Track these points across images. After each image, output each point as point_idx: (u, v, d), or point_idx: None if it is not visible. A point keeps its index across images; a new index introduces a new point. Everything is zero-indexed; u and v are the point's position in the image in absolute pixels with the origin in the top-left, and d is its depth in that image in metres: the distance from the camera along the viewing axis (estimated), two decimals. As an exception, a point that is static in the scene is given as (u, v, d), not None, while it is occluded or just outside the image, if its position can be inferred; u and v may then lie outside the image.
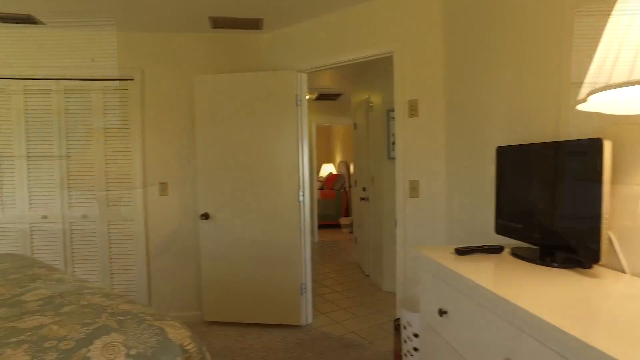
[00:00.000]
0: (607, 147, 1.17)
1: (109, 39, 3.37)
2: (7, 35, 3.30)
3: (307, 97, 3.27)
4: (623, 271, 1.26)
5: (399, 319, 2.44)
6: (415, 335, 2.04)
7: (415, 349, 2.06)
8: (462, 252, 1.52)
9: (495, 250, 1.54)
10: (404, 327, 2.11)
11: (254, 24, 3.25)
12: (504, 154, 1.66)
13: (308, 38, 3.19)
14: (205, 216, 3.23)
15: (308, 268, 3.30)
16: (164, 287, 3.46)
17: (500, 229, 1.67)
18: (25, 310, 1.46)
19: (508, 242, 1.89)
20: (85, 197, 3.39)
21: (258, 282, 3.24)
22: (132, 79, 3.38)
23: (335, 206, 7.93)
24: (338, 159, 9.19)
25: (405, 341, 2.12)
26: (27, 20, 3.10)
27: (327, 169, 9.38)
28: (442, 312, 1.42)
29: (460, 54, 2.35)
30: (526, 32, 1.76)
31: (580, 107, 1.12)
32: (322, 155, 9.87)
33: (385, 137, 4.14)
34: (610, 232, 1.29)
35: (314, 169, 6.68)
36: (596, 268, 1.29)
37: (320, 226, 8.01)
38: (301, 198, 3.20)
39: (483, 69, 2.12)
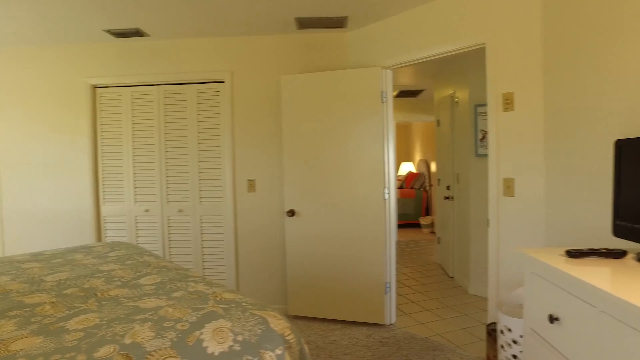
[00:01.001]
0: None
1: (203, 45, 3.60)
2: (119, 48, 3.68)
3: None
4: None
5: (493, 323, 2.31)
6: (515, 342, 1.91)
7: (515, 357, 1.93)
8: (575, 254, 1.39)
9: (616, 254, 1.39)
10: (502, 333, 1.98)
11: (338, 23, 3.27)
12: (628, 147, 1.49)
13: (393, 34, 3.14)
14: (291, 212, 3.33)
15: (392, 267, 3.26)
16: (251, 279, 3.63)
17: (620, 231, 1.50)
18: (144, 293, 1.61)
19: (627, 245, 1.69)
20: (180, 193, 3.67)
21: (342, 279, 3.27)
22: (223, 81, 3.59)
23: (415, 205, 7.74)
24: (417, 157, 8.96)
25: (502, 347, 1.99)
26: (136, 33, 3.42)
27: (406, 168, 9.18)
28: (552, 319, 1.31)
29: (564, 41, 2.15)
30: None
31: None
32: (401, 153, 9.68)
33: (472, 134, 3.95)
34: None
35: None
36: None
37: (399, 225, 7.88)
38: (387, 195, 3.16)
39: (597, 53, 1.92)
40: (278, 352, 1.31)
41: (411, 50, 3.00)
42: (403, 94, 6.25)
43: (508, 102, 2.48)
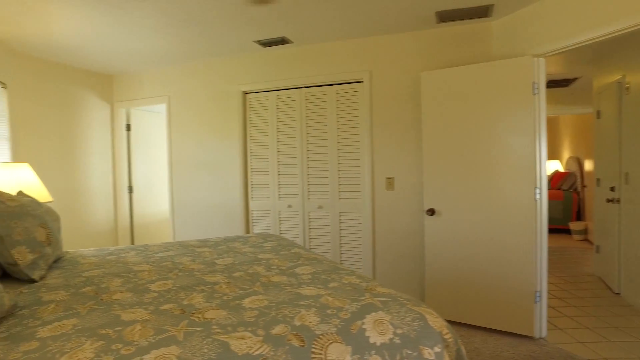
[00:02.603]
0: None
1: (342, 47, 3.73)
2: (266, 56, 4.04)
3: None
4: None
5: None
6: None
7: None
8: None
9: None
10: None
11: (482, 12, 3.08)
12: None
13: (548, 17, 2.83)
14: (431, 211, 3.24)
15: (544, 274, 2.95)
16: (388, 276, 3.64)
17: None
18: (301, 281, 1.73)
19: None
20: (320, 190, 3.86)
21: (485, 284, 3.07)
22: (362, 81, 3.67)
23: (563, 208, 6.88)
24: (566, 154, 7.94)
25: None
26: (281, 41, 3.71)
27: (552, 166, 8.22)
28: None
29: None
30: None
31: None
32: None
33: (647, 125, 3.35)
34: None
35: (538, 166, 5.94)
36: None
37: (543, 231, 7.09)
38: (538, 196, 2.88)
39: None
40: (437, 349, 1.29)
41: (572, 33, 2.67)
42: (551, 83, 5.60)
43: None
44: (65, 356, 1.08)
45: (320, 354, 1.16)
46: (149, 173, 5.19)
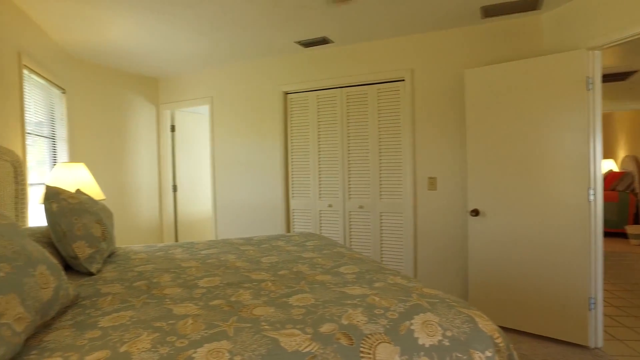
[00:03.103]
0: None
1: (383, 46, 3.70)
2: (306, 57, 4.06)
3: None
4: None
5: None
6: None
7: None
8: None
9: None
10: None
11: (530, 5, 2.96)
12: None
13: (603, 7, 2.67)
14: (475, 212, 3.15)
15: (599, 280, 2.79)
16: (430, 278, 3.57)
17: None
18: (346, 280, 1.73)
19: None
20: (361, 190, 3.84)
21: (533, 288, 2.95)
22: (403, 80, 3.62)
23: (618, 211, 6.49)
24: (621, 153, 7.48)
25: None
26: (322, 41, 3.72)
27: (606, 166, 7.77)
28: None
29: None
30: None
31: None
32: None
33: None
34: None
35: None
36: None
37: (595, 234, 6.71)
38: (592, 197, 2.73)
39: None
40: (488, 354, 1.25)
41: (631, 23, 2.50)
42: (606, 78, 5.29)
43: None
44: (125, 345, 1.13)
45: (369, 354, 1.15)
46: (193, 172, 5.36)
